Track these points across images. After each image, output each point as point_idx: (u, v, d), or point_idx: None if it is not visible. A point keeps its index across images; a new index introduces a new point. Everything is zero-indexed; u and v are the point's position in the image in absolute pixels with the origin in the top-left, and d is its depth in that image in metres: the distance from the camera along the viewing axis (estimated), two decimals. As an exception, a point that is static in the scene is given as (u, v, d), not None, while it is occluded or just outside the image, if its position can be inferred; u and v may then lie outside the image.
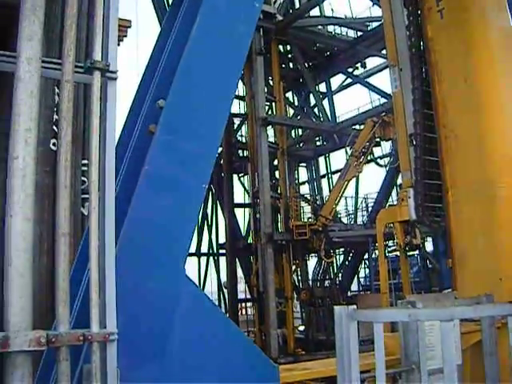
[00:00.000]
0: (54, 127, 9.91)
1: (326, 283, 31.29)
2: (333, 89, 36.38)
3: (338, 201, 27.91)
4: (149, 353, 3.88)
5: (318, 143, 35.91)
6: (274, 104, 32.67)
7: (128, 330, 3.50)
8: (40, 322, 3.29)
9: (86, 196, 3.52)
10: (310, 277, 32.92)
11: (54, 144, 9.88)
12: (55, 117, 9.93)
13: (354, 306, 4.30)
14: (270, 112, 32.59)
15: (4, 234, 2.97)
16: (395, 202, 28.90)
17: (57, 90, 9.98)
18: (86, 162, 7.45)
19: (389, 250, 24.40)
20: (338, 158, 34.72)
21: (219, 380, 4.08)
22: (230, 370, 4.15)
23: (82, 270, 4.08)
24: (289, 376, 5.89)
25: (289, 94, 36.75)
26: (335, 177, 33.67)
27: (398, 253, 20.64)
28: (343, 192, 27.68)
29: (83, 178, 6.69)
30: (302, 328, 31.27)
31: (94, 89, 3.51)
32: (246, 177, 34.52)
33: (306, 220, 28.84)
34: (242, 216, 34.04)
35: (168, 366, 3.92)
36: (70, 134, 3.31)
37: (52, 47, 6.17)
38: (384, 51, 29.41)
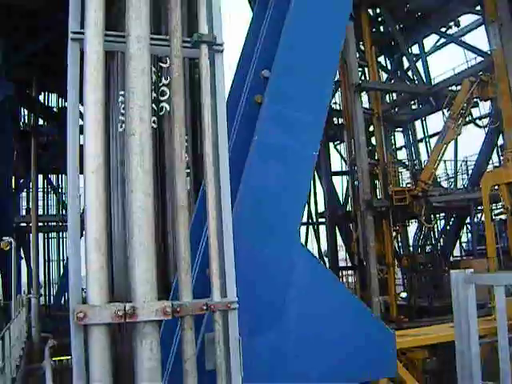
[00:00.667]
0: (153, 105, 10.20)
1: (428, 249, 30.78)
2: (426, 50, 35.25)
3: (437, 165, 27.16)
4: (266, 320, 3.94)
5: (413, 107, 35.00)
6: (366, 69, 32.11)
7: (245, 297, 3.55)
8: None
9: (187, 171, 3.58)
10: (411, 243, 32.42)
11: (153, 122, 10.17)
12: (153, 95, 10.20)
13: (472, 270, 4.20)
14: (362, 78, 32.03)
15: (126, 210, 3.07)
16: (496, 164, 27.96)
17: (153, 69, 10.23)
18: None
19: (494, 213, 23.66)
20: (435, 121, 33.65)
21: (336, 345, 4.09)
22: (348, 335, 4.15)
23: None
24: (402, 342, 5.85)
25: (381, 59, 35.95)
26: (433, 141, 32.76)
27: (502, 216, 20.01)
28: (442, 156, 26.93)
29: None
30: (403, 295, 30.89)
31: (202, 62, 3.55)
32: (342, 144, 34.24)
33: (404, 185, 28.37)
34: (340, 184, 33.88)
35: (285, 332, 3.97)
36: (182, 108, 3.36)
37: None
38: (478, 7, 28.28)
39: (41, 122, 25.19)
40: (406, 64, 35.75)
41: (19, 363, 14.97)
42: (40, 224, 25.76)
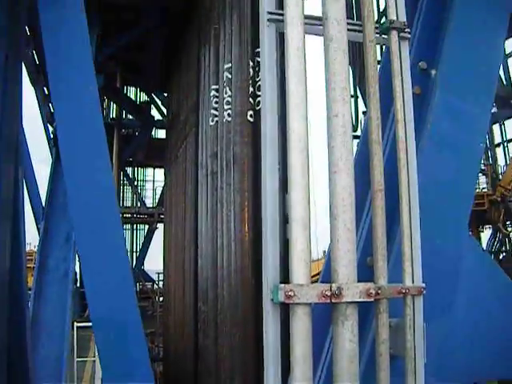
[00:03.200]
0: (251, 99, 10.25)
1: (501, 256, 30.12)
2: (507, 52, 34.47)
3: (518, 170, 26.58)
4: (437, 308, 3.91)
5: (492, 110, 34.19)
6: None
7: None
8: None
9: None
10: (484, 248, 31.78)
11: (251, 116, 10.22)
12: (251, 89, 10.26)
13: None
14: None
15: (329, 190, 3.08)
16: None
17: (251, 64, 10.29)
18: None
19: None
20: (514, 126, 32.85)
21: (503, 337, 4.04)
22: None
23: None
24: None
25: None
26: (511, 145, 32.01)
27: None
28: (522, 161, 26.34)
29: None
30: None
31: (393, 48, 3.54)
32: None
33: (480, 190, 27.84)
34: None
35: (455, 321, 3.94)
36: (377, 92, 3.35)
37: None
38: None
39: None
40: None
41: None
42: (115, 215, 26.07)
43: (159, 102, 23.48)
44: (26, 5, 4.72)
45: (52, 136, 12.81)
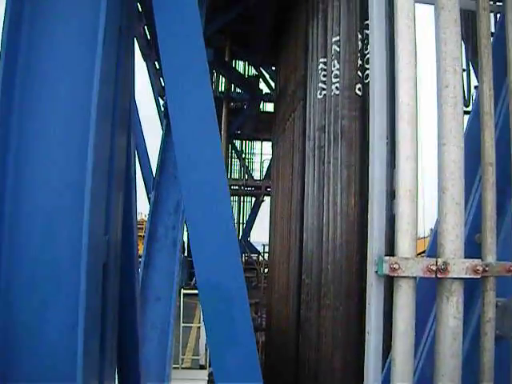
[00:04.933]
0: (359, 72, 10.10)
1: None
2: None
3: None
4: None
5: None
6: None
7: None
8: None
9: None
10: None
11: (359, 89, 10.08)
12: (359, 62, 10.10)
13: None
14: None
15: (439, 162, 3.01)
16: None
17: (360, 37, 10.12)
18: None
19: None
20: None
21: None
22: None
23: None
24: None
25: None
26: None
27: None
28: None
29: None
30: None
31: (509, 16, 3.39)
32: None
33: None
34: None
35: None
36: (490, 62, 3.23)
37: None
38: None
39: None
40: None
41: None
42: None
43: (267, 76, 23.58)
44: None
45: (163, 109, 13.16)
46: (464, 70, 11.27)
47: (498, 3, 3.50)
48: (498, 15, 3.78)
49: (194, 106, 4.05)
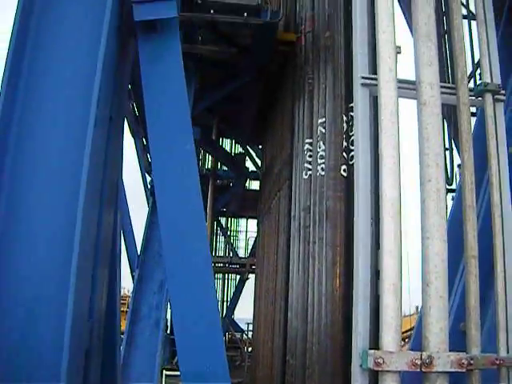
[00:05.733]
0: (344, 154, 10.25)
1: None
2: None
3: None
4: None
5: None
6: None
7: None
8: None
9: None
10: None
11: (344, 170, 10.20)
12: (344, 144, 10.26)
13: None
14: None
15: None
16: None
17: (345, 119, 10.32)
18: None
19: None
20: None
21: None
22: None
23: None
24: None
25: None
26: None
27: None
28: None
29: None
30: None
31: (488, 111, 3.50)
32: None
33: None
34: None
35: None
36: (471, 157, 3.31)
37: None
38: None
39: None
40: None
41: None
42: (207, 264, 26.39)
43: (254, 154, 23.82)
44: (129, 68, 4.97)
45: (149, 186, 13.21)
46: (447, 149, 11.48)
47: (478, 98, 3.61)
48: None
49: (179, 185, 4.10)
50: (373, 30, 3.49)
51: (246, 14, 13.15)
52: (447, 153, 11.36)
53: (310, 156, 10.66)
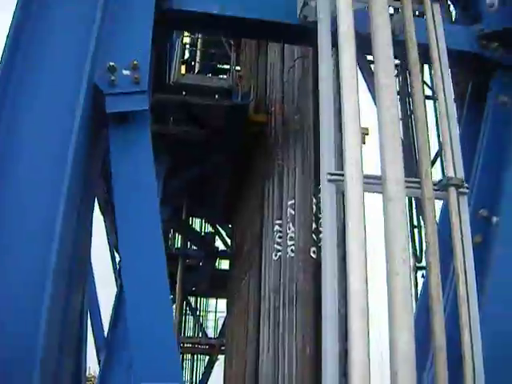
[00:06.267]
0: (314, 235, 10.31)
1: None
2: None
3: None
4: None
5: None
6: None
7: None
8: None
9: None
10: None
11: (313, 252, 10.24)
12: (314, 226, 10.34)
13: None
14: None
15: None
16: None
17: (314, 200, 10.43)
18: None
19: None
20: None
21: None
22: None
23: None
24: None
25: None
26: None
27: None
28: None
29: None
30: None
31: (452, 204, 3.59)
32: None
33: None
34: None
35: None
36: (437, 251, 3.38)
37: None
38: None
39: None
40: None
41: None
42: (174, 344, 25.86)
43: (224, 233, 23.81)
44: (101, 153, 5.04)
45: (118, 267, 13.10)
46: (415, 227, 11.68)
47: (442, 191, 3.70)
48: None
49: (146, 265, 4.12)
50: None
51: (217, 96, 13.47)
52: (416, 230, 11.50)
53: (280, 237, 10.72)
